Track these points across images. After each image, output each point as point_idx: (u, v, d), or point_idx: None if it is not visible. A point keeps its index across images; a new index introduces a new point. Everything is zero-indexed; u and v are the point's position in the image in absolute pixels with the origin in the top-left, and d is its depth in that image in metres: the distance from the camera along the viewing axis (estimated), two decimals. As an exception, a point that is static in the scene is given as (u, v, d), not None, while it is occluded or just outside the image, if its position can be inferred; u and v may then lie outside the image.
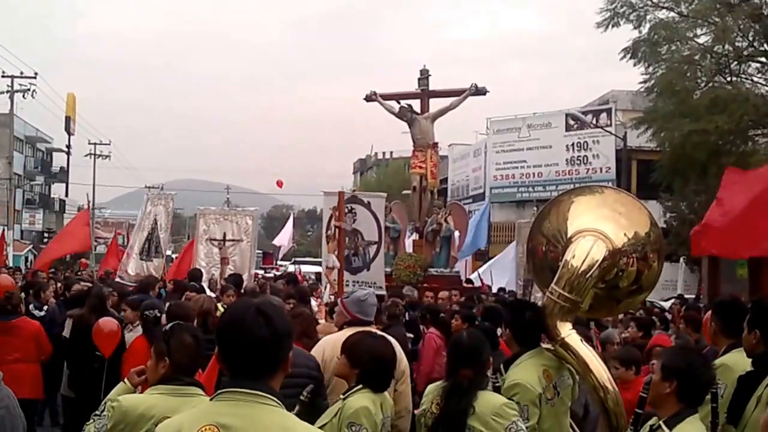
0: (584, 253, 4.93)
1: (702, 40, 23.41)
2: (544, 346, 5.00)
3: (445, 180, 52.35)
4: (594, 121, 35.31)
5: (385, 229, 18.55)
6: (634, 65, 24.38)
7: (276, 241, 32.98)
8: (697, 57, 22.98)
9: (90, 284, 11.69)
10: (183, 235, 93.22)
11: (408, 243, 19.58)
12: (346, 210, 12.91)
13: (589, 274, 4.88)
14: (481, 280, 20.50)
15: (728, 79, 22.98)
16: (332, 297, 11.31)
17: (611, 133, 33.65)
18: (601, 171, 36.46)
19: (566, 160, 37.95)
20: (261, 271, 28.30)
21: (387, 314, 8.77)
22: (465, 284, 18.46)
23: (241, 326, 2.56)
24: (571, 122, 37.59)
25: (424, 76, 20.22)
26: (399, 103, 19.82)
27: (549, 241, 5.33)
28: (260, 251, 34.26)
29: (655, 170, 25.65)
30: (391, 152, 78.62)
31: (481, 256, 30.71)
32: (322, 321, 9.68)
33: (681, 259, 24.48)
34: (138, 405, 3.84)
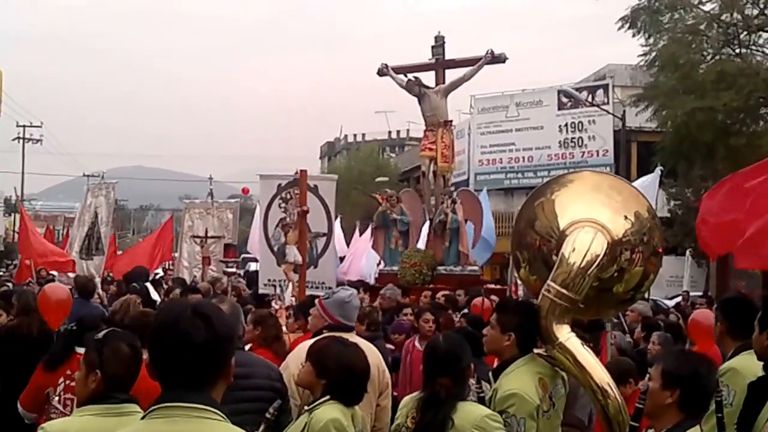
0: (585, 246, 4.92)
1: (708, 7, 23.61)
2: (536, 351, 4.96)
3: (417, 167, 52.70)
4: (589, 99, 35.47)
5: (393, 221, 18.60)
6: (633, 36, 24.56)
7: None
8: (702, 26, 23.16)
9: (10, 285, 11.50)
10: (127, 230, 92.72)
11: (423, 238, 18.69)
12: (287, 196, 12.69)
13: (589, 271, 4.87)
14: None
15: (737, 51, 23.17)
16: (293, 298, 11.27)
17: (608, 112, 33.85)
18: (597, 154, 36.70)
19: (559, 142, 38.13)
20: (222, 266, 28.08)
21: (367, 322, 8.66)
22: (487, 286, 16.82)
23: (176, 330, 2.52)
24: (564, 100, 37.77)
25: (439, 43, 19.80)
26: (406, 76, 19.46)
27: (541, 236, 5.32)
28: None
29: (656, 152, 25.82)
30: (363, 134, 78.58)
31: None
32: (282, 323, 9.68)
33: (687, 252, 24.61)
34: (65, 430, 3.76)
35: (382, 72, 19.75)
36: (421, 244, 18.46)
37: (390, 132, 79.27)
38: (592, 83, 38.15)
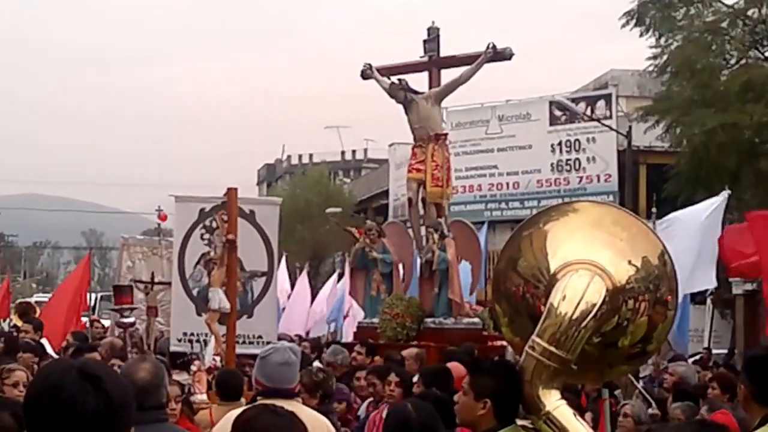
0: (578, 294, 4.93)
1: (731, 1, 23.90)
2: (520, 422, 4.97)
3: (385, 194, 52.87)
4: (588, 112, 35.81)
5: (373, 261, 17.88)
6: (641, 35, 24.87)
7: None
8: (724, 24, 23.47)
9: None
10: (18, 273, 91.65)
11: (414, 281, 18.26)
12: (213, 225, 12.45)
13: (583, 324, 4.87)
14: None
15: (766, 54, 23.50)
16: (217, 359, 11.05)
17: (611, 128, 34.14)
18: (598, 180, 37.00)
19: (551, 164, 38.40)
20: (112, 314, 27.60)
21: (321, 393, 8.61)
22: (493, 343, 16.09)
23: (58, 396, 2.50)
24: (558, 113, 38.10)
25: (432, 37, 19.28)
26: (390, 79, 18.96)
27: (527, 281, 5.31)
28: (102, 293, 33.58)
29: (669, 179, 26.00)
30: (311, 155, 78.76)
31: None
32: (202, 396, 9.53)
33: (708, 301, 24.77)
34: None
35: (365, 74, 19.12)
36: (415, 291, 18.08)
37: (343, 152, 79.56)
38: (591, 92, 38.57)
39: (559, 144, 38.30)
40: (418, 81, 19.02)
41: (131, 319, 15.64)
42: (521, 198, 38.60)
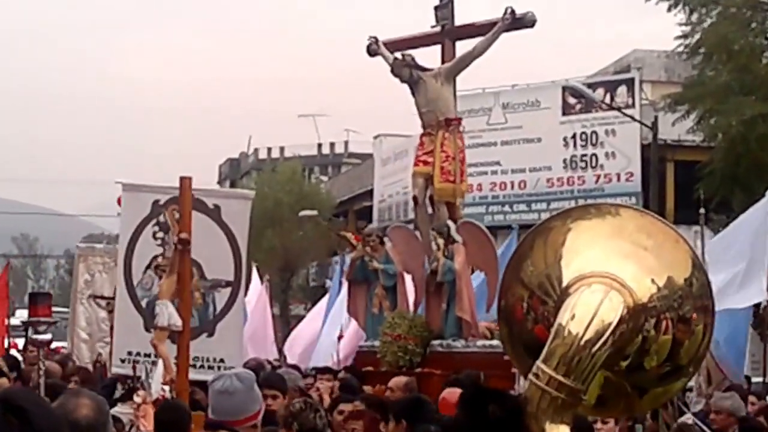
0: (590, 312, 4.90)
1: (774, -29, 24.06)
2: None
3: (369, 194, 52.45)
4: (607, 99, 35.90)
5: (374, 273, 17.69)
6: (669, 10, 25.01)
7: None
8: (767, -2, 23.58)
9: None
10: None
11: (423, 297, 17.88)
12: (166, 221, 12.30)
13: (597, 347, 4.84)
14: None
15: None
16: (166, 388, 10.72)
17: (633, 118, 34.25)
18: (619, 179, 37.13)
19: (564, 161, 38.56)
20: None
21: (297, 427, 8.58)
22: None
23: None
24: (572, 100, 38.22)
25: (444, 2, 19.01)
26: (392, 53, 18.67)
27: (533, 294, 5.32)
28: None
29: (702, 178, 26.08)
30: (282, 148, 78.77)
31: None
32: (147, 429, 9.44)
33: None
34: None
35: (371, 49, 18.94)
36: (418, 309, 17.80)
37: (320, 145, 79.73)
38: (611, 77, 38.72)
39: (573, 137, 38.43)
40: (431, 56, 18.87)
41: (47, 336, 14.89)
42: (528, 200, 38.73)
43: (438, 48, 18.87)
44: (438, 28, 18.92)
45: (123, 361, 12.48)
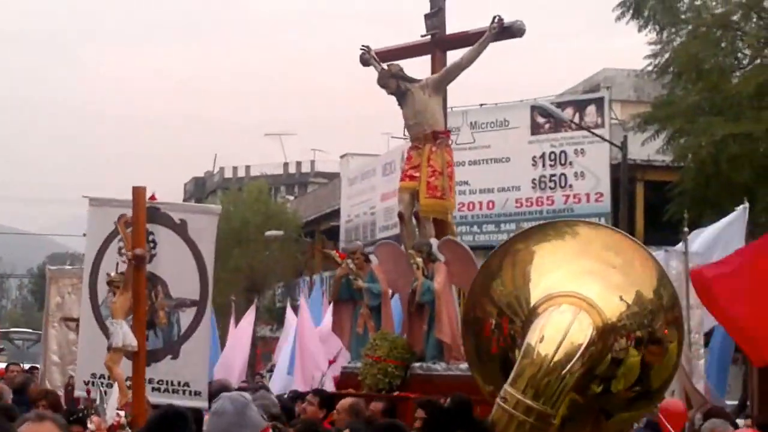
0: (559, 333, 4.84)
1: (744, -10, 24.11)
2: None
3: (336, 214, 52.43)
4: (576, 119, 35.97)
5: (358, 292, 17.11)
6: (639, 30, 25.03)
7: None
8: (736, 17, 23.65)
9: None
10: None
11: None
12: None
13: (566, 370, 4.78)
14: None
15: (785, 53, 23.70)
16: (122, 413, 10.38)
17: (603, 138, 34.33)
18: (588, 199, 37.19)
19: (533, 181, 38.57)
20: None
21: None
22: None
23: None
24: (540, 120, 38.29)
25: (434, 9, 18.54)
26: (381, 64, 18.40)
27: (501, 313, 5.29)
28: None
29: (672, 198, 26.11)
30: (247, 167, 78.64)
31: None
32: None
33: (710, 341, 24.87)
34: None
35: (364, 59, 18.68)
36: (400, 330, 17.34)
37: (287, 164, 79.47)
38: (580, 96, 38.80)
39: (542, 156, 38.45)
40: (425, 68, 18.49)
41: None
42: (497, 220, 38.72)
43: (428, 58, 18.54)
44: (428, 38, 18.53)
45: (86, 383, 12.24)
